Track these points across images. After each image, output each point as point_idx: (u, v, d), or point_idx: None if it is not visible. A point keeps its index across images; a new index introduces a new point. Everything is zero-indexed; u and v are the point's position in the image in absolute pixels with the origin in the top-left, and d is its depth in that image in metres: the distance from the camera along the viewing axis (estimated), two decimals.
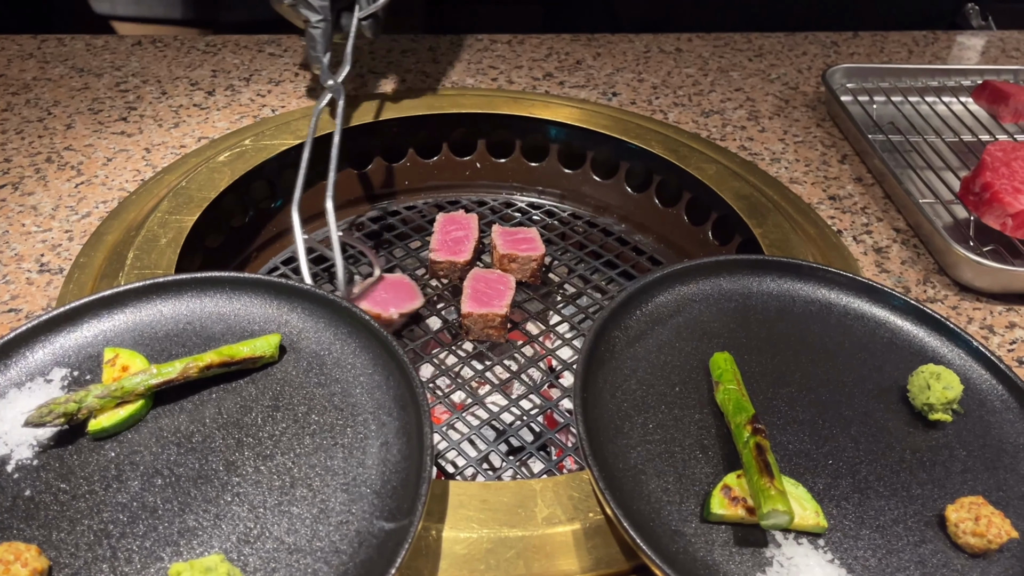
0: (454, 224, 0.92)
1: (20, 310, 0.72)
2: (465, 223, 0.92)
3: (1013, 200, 0.82)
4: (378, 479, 0.57)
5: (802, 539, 0.56)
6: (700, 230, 0.97)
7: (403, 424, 0.60)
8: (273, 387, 0.63)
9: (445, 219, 0.93)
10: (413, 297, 0.83)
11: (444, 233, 0.91)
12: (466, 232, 0.91)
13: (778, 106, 1.11)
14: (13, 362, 0.62)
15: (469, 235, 0.91)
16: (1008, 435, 0.65)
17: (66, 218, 0.83)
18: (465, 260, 0.88)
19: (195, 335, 0.66)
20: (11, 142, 0.92)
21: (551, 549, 0.57)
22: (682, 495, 0.58)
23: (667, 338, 0.69)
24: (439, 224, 0.92)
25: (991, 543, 0.56)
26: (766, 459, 0.56)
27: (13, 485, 0.56)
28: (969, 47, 1.31)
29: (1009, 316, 0.80)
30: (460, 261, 0.88)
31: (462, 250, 0.89)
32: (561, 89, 1.13)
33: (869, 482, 0.60)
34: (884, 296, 0.73)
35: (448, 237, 0.90)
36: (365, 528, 0.54)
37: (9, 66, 1.06)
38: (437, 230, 0.92)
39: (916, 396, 0.65)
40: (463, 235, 0.91)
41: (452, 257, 0.88)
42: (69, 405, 0.57)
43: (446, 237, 0.90)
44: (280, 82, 1.08)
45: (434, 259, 0.88)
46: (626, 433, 0.61)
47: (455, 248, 0.89)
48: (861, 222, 0.91)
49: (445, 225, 0.92)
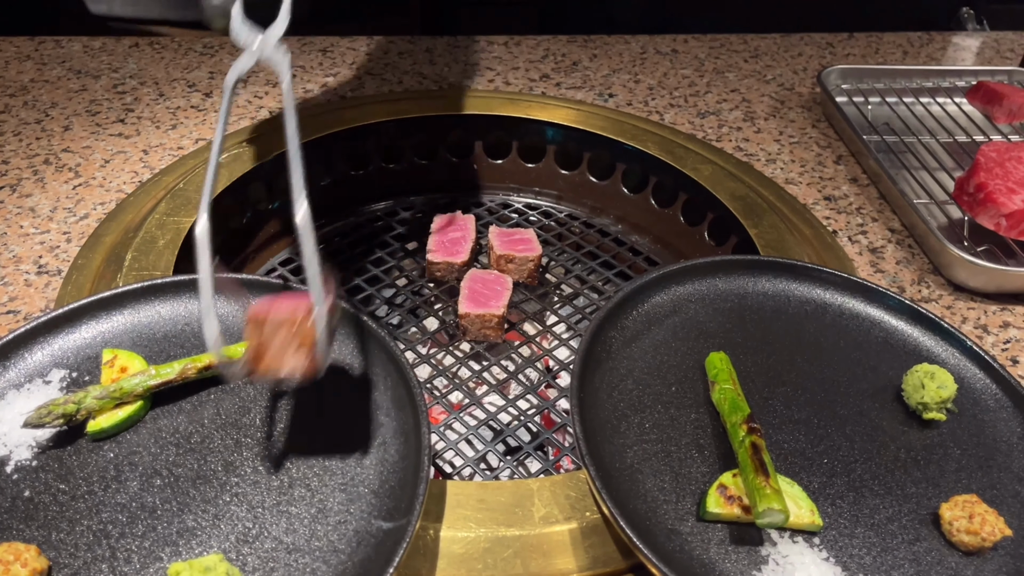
0: (451, 225, 0.92)
1: (19, 311, 0.73)
2: (462, 224, 0.92)
3: (1007, 200, 0.83)
4: (376, 479, 0.57)
5: (797, 537, 0.57)
6: (696, 231, 0.97)
7: (401, 424, 0.60)
8: (271, 388, 0.63)
9: (442, 220, 0.93)
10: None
11: (441, 234, 0.91)
12: (463, 233, 0.91)
13: (774, 107, 1.12)
14: (12, 363, 0.63)
15: (466, 236, 0.91)
16: (1002, 434, 0.65)
17: (64, 220, 0.83)
18: (462, 261, 0.88)
19: (193, 336, 0.67)
20: (9, 144, 0.92)
21: (548, 548, 0.57)
22: (678, 494, 0.58)
23: (663, 338, 0.70)
24: (436, 225, 0.93)
25: (985, 541, 0.56)
26: (762, 458, 0.57)
27: (12, 486, 0.56)
28: (964, 48, 1.31)
29: (1003, 316, 0.80)
30: (457, 262, 0.88)
31: (459, 251, 0.89)
32: (558, 90, 1.13)
33: (864, 481, 0.61)
34: (879, 296, 0.74)
35: (445, 238, 0.91)
36: (363, 528, 0.55)
37: (7, 68, 1.07)
38: (434, 231, 0.92)
39: (910, 395, 0.66)
40: (460, 236, 0.91)
41: (449, 258, 0.88)
42: (68, 406, 0.58)
43: (443, 238, 0.91)
44: (277, 83, 1.08)
45: (431, 260, 0.89)
46: (623, 433, 0.62)
47: (452, 249, 0.89)
48: (856, 222, 0.91)
49: (442, 226, 0.92)
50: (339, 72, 1.12)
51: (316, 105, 1.04)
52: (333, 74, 1.11)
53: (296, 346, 0.52)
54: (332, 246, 0.97)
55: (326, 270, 0.56)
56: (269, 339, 0.51)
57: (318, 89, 1.08)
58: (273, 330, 0.51)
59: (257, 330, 0.51)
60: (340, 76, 1.11)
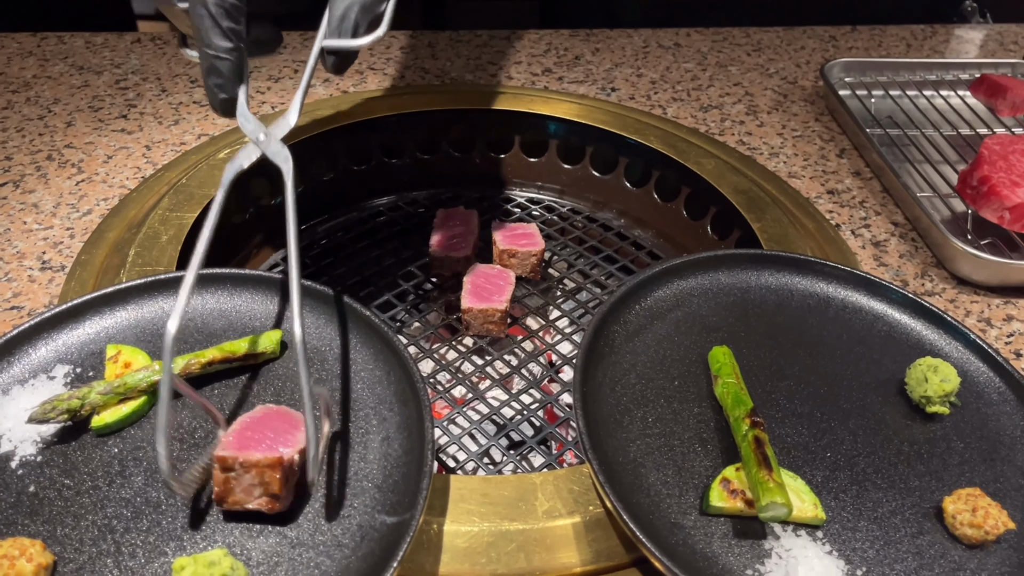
0: (454, 220, 0.92)
1: (23, 307, 0.73)
2: (465, 219, 0.93)
3: (1011, 193, 0.83)
4: (380, 473, 0.57)
5: (800, 531, 0.57)
6: (699, 224, 0.97)
7: (404, 419, 0.60)
8: (275, 383, 0.63)
9: (444, 215, 0.93)
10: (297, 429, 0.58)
11: (444, 229, 0.91)
12: (466, 228, 0.91)
13: (776, 100, 1.12)
14: (16, 359, 0.63)
15: (469, 231, 0.91)
16: (1005, 427, 0.65)
17: (67, 216, 0.83)
18: (465, 255, 0.88)
19: (196, 332, 0.67)
20: (12, 140, 0.93)
21: (551, 542, 0.57)
22: (681, 488, 0.58)
23: (666, 332, 0.70)
24: (439, 220, 0.93)
25: (988, 534, 0.56)
26: (764, 452, 0.57)
27: (17, 481, 0.56)
28: (967, 41, 1.31)
29: (1007, 309, 0.80)
30: (460, 256, 0.88)
31: (462, 246, 0.89)
32: (560, 84, 1.13)
33: (867, 474, 0.61)
34: (882, 289, 0.74)
35: (448, 233, 0.91)
36: (367, 522, 0.55)
37: (9, 64, 1.07)
38: (437, 226, 0.92)
39: (914, 389, 0.66)
40: (463, 231, 0.91)
41: (452, 253, 0.88)
42: (72, 402, 0.58)
43: (446, 233, 0.91)
44: (279, 79, 1.08)
45: (434, 255, 0.89)
46: (625, 427, 0.62)
47: (455, 244, 0.89)
48: (859, 216, 0.91)
49: (445, 221, 0.92)
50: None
51: (319, 100, 1.03)
52: None
53: (262, 491, 0.53)
54: (334, 241, 0.97)
55: (322, 396, 0.58)
56: (236, 480, 0.53)
57: (320, 84, 1.08)
58: (240, 473, 0.53)
59: (225, 470, 0.53)
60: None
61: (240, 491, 0.53)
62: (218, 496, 0.53)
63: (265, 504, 0.53)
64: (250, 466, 0.52)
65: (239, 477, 0.52)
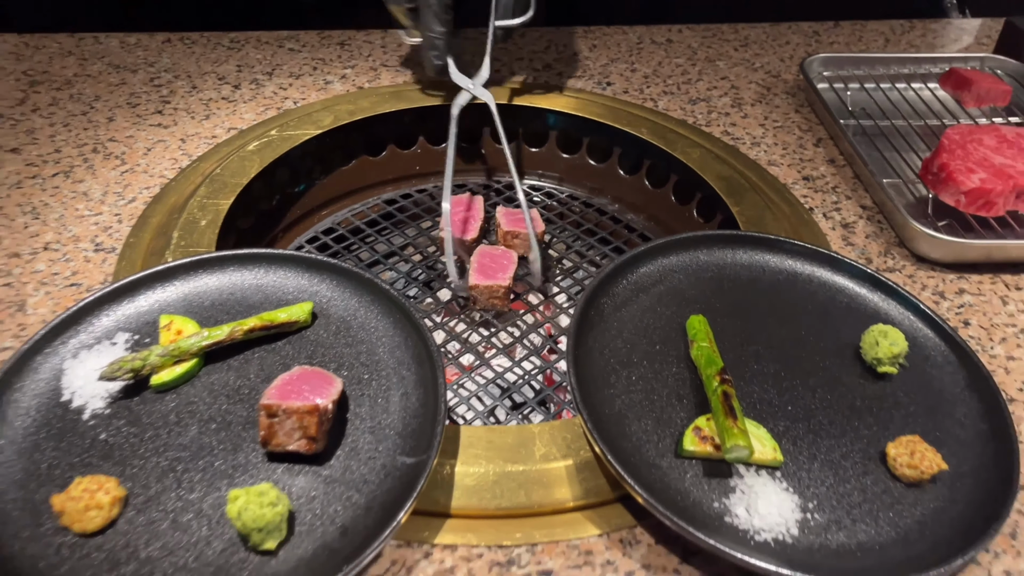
0: (461, 205, 1.01)
1: (81, 284, 0.82)
2: (471, 204, 1.01)
3: (965, 179, 0.91)
4: (400, 422, 0.67)
5: (762, 472, 0.65)
6: (686, 209, 1.06)
7: (420, 377, 0.69)
8: (307, 347, 0.73)
9: (453, 201, 1.02)
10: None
11: (453, 214, 1.00)
12: (472, 212, 1.00)
13: (760, 93, 1.20)
14: (83, 328, 0.72)
15: (475, 215, 1.00)
16: (947, 385, 0.74)
17: (114, 203, 0.92)
18: (472, 238, 0.97)
19: (237, 304, 0.76)
20: (59, 134, 1.02)
21: (548, 481, 0.66)
22: (659, 435, 0.67)
23: (649, 304, 0.79)
24: (502, 212, 1.01)
25: (924, 474, 0.65)
26: (731, 404, 0.66)
27: (90, 430, 0.66)
28: (943, 35, 1.39)
29: (959, 283, 0.89)
30: (467, 239, 0.97)
31: (469, 229, 0.98)
32: (559, 79, 1.22)
33: (822, 425, 0.70)
34: (843, 265, 0.82)
35: (456, 218, 1.00)
36: (390, 463, 0.64)
37: (51, 63, 1.16)
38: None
39: (867, 352, 0.74)
40: (470, 215, 1.00)
41: (460, 236, 0.97)
42: (135, 362, 0.67)
43: (455, 218, 1.00)
44: (300, 75, 1.17)
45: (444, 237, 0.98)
46: (612, 384, 0.71)
47: (462, 227, 0.98)
48: (831, 200, 1.00)
49: (454, 207, 1.01)
50: (356, 64, 1.20)
51: (337, 96, 1.12)
52: (351, 66, 1.20)
53: (301, 434, 0.62)
54: (352, 225, 1.07)
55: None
56: (279, 425, 0.62)
57: (337, 80, 1.16)
58: (283, 418, 0.62)
59: (270, 416, 0.62)
60: (357, 68, 1.19)
61: (282, 434, 0.62)
62: (263, 439, 0.63)
63: (303, 446, 0.62)
64: (291, 412, 0.62)
65: (282, 422, 0.62)
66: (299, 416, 0.61)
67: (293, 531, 0.60)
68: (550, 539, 0.63)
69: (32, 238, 0.86)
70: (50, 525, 0.59)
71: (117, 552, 0.58)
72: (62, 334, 0.71)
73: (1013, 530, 0.66)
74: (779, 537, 0.61)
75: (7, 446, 0.64)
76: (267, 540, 0.58)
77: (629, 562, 0.62)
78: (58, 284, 0.81)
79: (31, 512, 0.60)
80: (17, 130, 1.02)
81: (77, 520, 0.58)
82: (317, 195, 1.08)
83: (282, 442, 0.62)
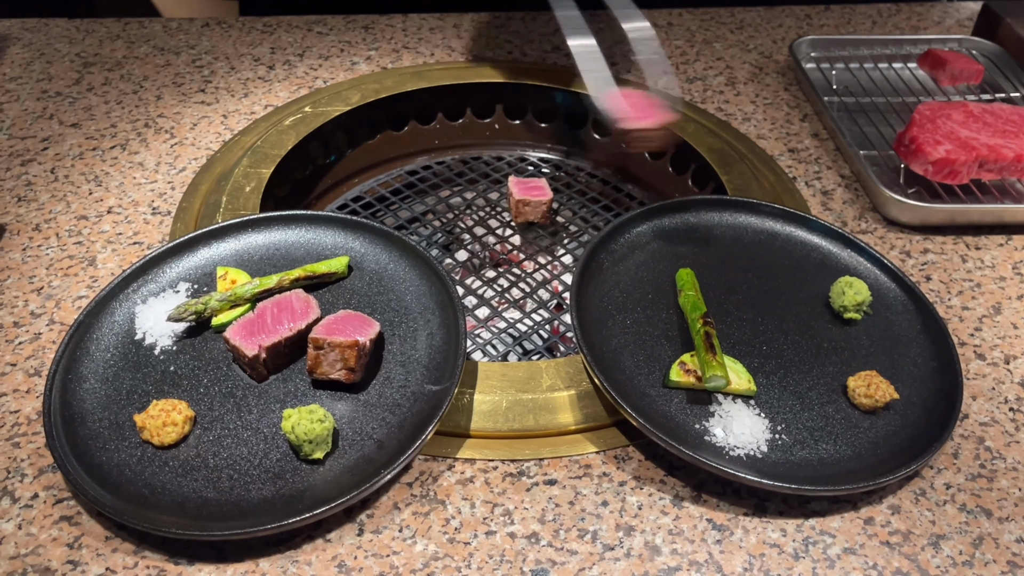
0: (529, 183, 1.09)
1: (143, 243, 0.93)
2: (538, 184, 1.09)
3: (932, 150, 1.01)
4: (426, 356, 0.77)
5: (737, 400, 0.76)
6: (682, 179, 1.16)
7: (443, 319, 0.80)
8: (345, 295, 0.83)
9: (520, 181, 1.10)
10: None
11: (521, 184, 1.09)
12: (539, 188, 1.09)
13: (753, 73, 1.29)
14: (150, 278, 0.83)
15: (542, 190, 1.08)
16: (904, 330, 0.84)
17: (167, 172, 1.03)
18: (548, 198, 1.06)
19: (282, 258, 0.87)
20: (114, 111, 1.12)
21: (553, 407, 0.77)
22: (649, 369, 0.78)
23: (643, 259, 0.89)
24: (514, 182, 1.09)
25: (878, 403, 0.75)
26: (712, 342, 0.76)
27: (160, 363, 0.77)
28: (926, 18, 1.48)
29: (924, 244, 0.99)
30: (542, 200, 1.06)
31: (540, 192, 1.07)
32: (567, 60, 1.31)
33: (792, 362, 0.80)
34: (817, 226, 0.92)
35: (524, 187, 1.08)
36: (418, 390, 0.75)
37: (101, 46, 1.26)
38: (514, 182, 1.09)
39: (834, 300, 0.84)
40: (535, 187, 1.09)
41: (529, 196, 1.06)
42: (198, 306, 0.78)
43: (523, 187, 1.08)
44: (328, 57, 1.27)
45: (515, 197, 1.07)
46: (609, 327, 0.81)
47: (531, 191, 1.07)
48: (813, 170, 1.09)
49: (521, 182, 1.09)
50: (380, 46, 1.30)
51: (362, 76, 1.22)
52: (375, 48, 1.30)
53: (342, 365, 0.73)
54: (377, 194, 1.17)
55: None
56: (324, 356, 0.73)
57: (363, 61, 1.26)
58: (327, 351, 0.73)
59: (317, 348, 0.73)
60: (381, 50, 1.29)
61: (326, 364, 0.73)
62: (310, 368, 0.74)
63: (344, 375, 0.73)
64: (335, 346, 0.72)
65: (326, 354, 0.73)
66: (341, 349, 0.72)
67: (337, 445, 0.71)
68: (555, 455, 0.74)
69: (97, 203, 0.97)
70: (132, 439, 0.70)
71: (191, 460, 0.69)
72: (132, 283, 0.82)
73: (956, 451, 0.76)
74: (751, 453, 0.72)
75: (92, 375, 0.75)
76: (316, 451, 0.69)
77: (622, 474, 0.73)
78: (123, 243, 0.92)
79: (116, 428, 0.71)
80: (76, 107, 1.13)
81: (156, 435, 0.70)
82: (346, 166, 1.18)
83: (326, 371, 0.73)
